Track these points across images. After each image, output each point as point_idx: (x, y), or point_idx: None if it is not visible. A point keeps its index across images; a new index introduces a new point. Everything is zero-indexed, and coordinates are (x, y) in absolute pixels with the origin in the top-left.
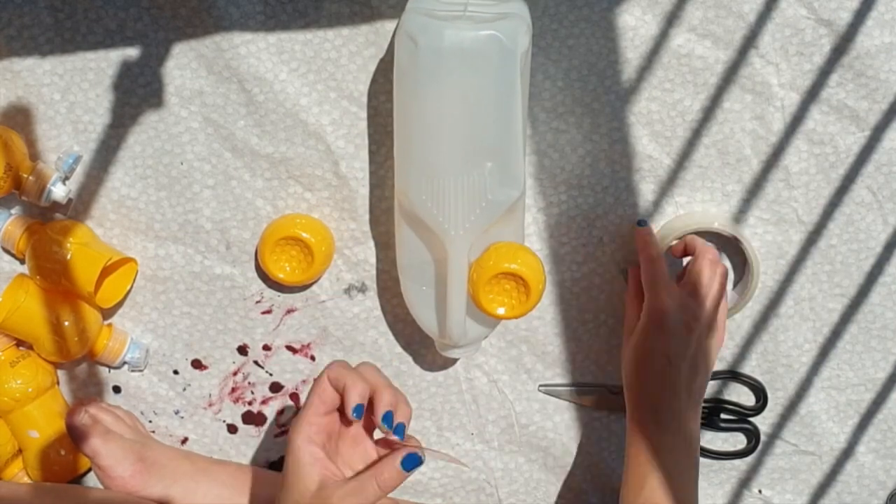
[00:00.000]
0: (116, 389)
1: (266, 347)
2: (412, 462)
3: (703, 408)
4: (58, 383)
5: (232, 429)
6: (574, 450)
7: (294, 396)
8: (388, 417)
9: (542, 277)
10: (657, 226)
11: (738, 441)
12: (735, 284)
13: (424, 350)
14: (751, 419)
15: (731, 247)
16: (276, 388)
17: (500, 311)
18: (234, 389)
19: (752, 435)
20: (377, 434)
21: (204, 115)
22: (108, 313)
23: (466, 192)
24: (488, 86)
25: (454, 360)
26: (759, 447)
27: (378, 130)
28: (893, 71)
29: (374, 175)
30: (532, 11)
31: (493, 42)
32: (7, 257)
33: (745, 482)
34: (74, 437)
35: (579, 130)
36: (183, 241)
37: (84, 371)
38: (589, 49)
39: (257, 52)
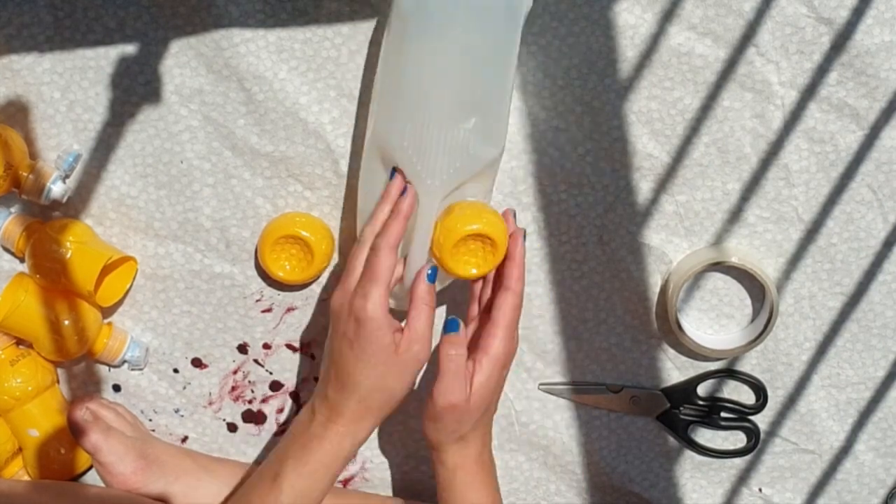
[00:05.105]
0: (116, 388)
1: (266, 346)
2: (431, 274)
3: (703, 406)
4: (57, 382)
5: (232, 427)
6: (574, 448)
7: (294, 395)
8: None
9: (505, 232)
10: (675, 261)
11: (738, 439)
12: (752, 320)
13: None
14: (751, 417)
15: (746, 280)
16: (276, 386)
17: (473, 271)
18: (234, 388)
19: (752, 433)
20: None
21: (204, 113)
22: (107, 312)
23: (448, 143)
24: (488, 41)
25: None
26: (759, 445)
27: None
28: (893, 69)
29: None
30: (532, 9)
31: None
32: (7, 256)
33: (745, 480)
34: (75, 432)
35: (579, 129)
36: (183, 239)
37: (84, 370)
38: (589, 47)
39: (257, 50)
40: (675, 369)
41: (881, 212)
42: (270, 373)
